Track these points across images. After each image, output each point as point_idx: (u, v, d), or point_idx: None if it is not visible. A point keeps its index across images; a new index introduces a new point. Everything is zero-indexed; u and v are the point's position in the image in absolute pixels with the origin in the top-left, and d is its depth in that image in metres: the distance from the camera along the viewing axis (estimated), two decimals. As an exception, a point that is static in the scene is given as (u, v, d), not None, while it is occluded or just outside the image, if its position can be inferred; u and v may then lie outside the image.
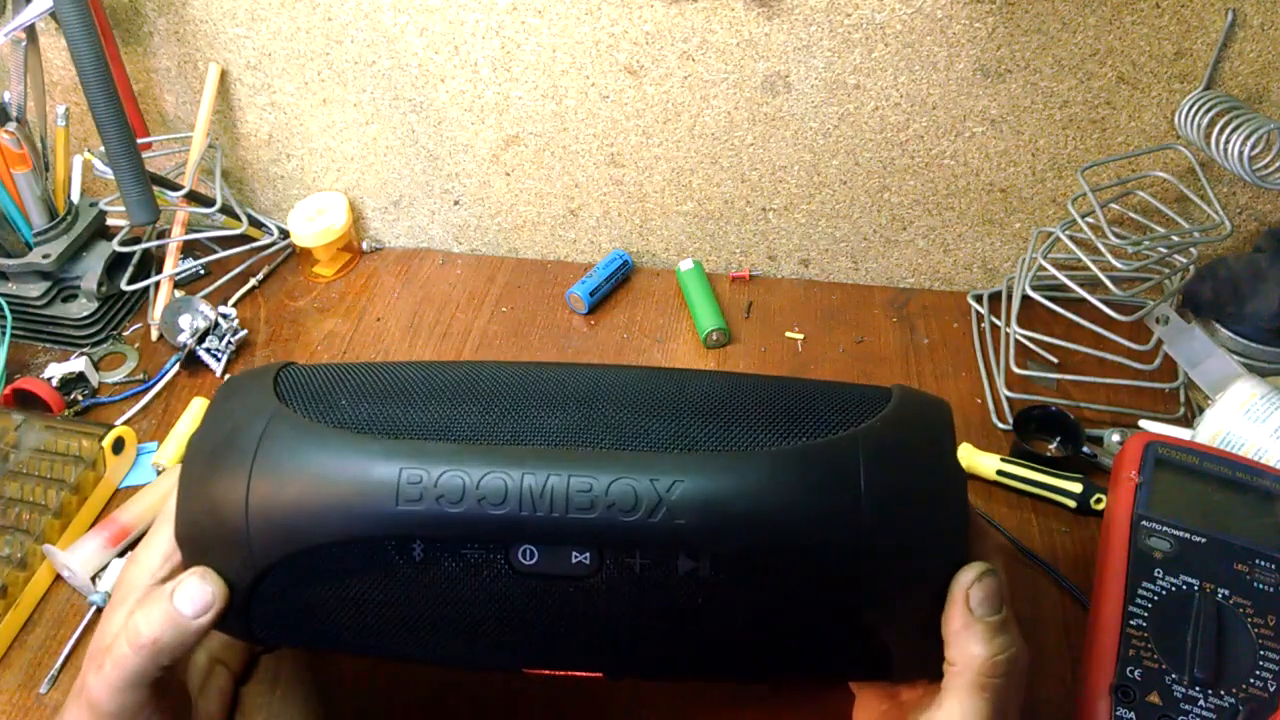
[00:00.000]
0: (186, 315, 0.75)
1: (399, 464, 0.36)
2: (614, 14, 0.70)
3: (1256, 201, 0.73)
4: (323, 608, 0.38)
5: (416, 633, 0.39)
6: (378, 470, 0.36)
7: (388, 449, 0.37)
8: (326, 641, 0.40)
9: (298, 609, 0.39)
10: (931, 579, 0.37)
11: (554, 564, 0.37)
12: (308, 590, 0.38)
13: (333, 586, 0.38)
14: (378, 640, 0.39)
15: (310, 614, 0.39)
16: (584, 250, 0.87)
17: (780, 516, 0.36)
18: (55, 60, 0.82)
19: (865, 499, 0.36)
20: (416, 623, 0.38)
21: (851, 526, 0.36)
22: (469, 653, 0.40)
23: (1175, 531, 0.52)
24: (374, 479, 0.36)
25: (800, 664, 0.41)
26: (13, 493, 0.63)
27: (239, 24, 0.77)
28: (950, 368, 0.74)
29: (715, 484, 0.36)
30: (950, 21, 0.66)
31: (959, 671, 0.36)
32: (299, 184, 0.88)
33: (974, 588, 0.36)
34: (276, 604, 0.38)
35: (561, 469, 0.36)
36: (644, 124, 0.76)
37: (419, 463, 0.36)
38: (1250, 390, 0.60)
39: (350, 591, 0.38)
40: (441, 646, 0.39)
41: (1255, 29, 0.64)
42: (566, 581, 0.37)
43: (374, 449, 0.37)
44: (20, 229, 0.75)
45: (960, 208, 0.77)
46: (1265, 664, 0.47)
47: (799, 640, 0.38)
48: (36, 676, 0.56)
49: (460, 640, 0.39)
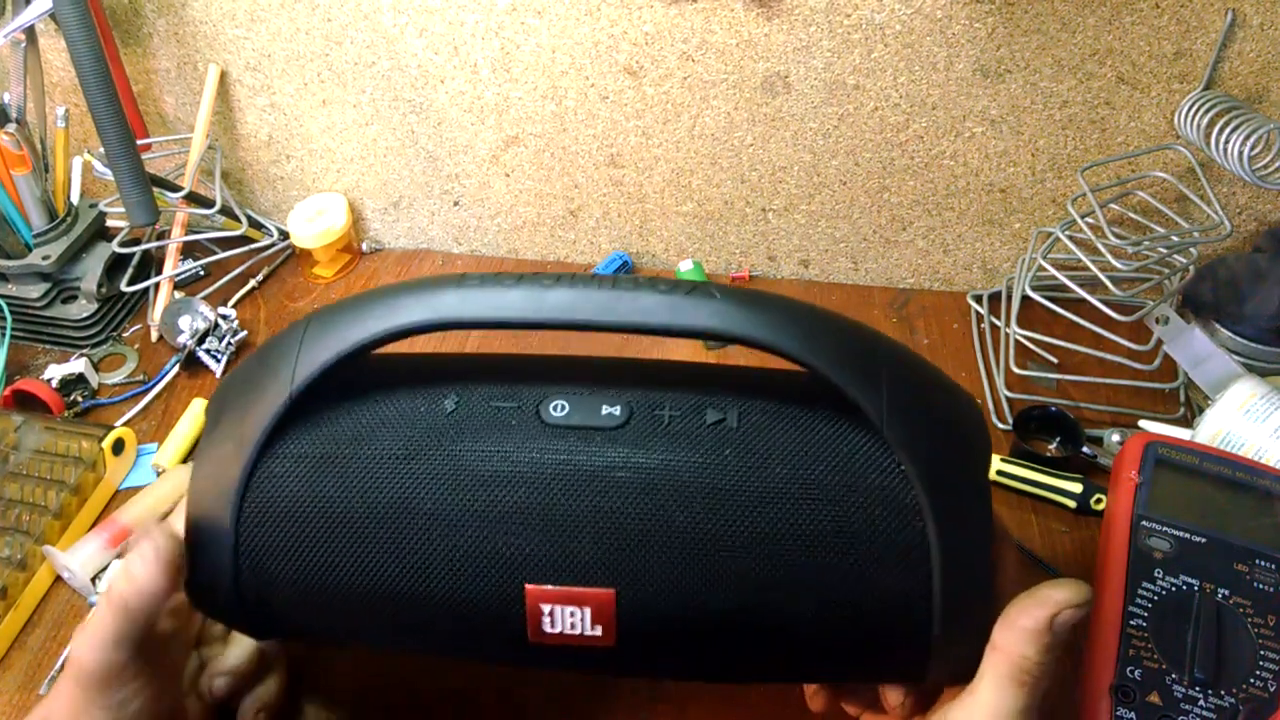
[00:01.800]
0: (186, 316, 0.75)
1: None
2: (614, 15, 0.70)
3: (1256, 201, 0.73)
4: (332, 504, 0.38)
5: (425, 528, 0.37)
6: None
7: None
8: (327, 581, 0.39)
9: (305, 509, 0.38)
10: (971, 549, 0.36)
11: (585, 417, 0.37)
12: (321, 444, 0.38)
13: (352, 449, 0.38)
14: (384, 566, 0.38)
15: (316, 523, 0.38)
16: (584, 251, 0.87)
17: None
18: (55, 61, 0.82)
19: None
20: (427, 510, 0.37)
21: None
22: (476, 554, 0.37)
23: (1175, 531, 0.52)
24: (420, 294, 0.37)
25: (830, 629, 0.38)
26: (13, 494, 0.63)
27: (238, 25, 0.77)
28: (950, 368, 0.74)
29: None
30: (950, 22, 0.66)
31: (1001, 660, 0.35)
32: (299, 185, 0.88)
33: (1070, 611, 0.35)
34: (281, 501, 0.38)
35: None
36: (644, 125, 0.76)
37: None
38: (1250, 390, 0.60)
39: (374, 449, 0.38)
40: (448, 544, 0.37)
41: (1255, 29, 0.64)
42: (596, 433, 0.37)
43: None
44: (20, 230, 0.75)
45: (960, 208, 0.77)
46: (1265, 664, 0.47)
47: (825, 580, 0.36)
48: (36, 677, 0.56)
49: (475, 526, 0.37)
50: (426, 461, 0.38)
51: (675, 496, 0.36)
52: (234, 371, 0.43)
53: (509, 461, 0.37)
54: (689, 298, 0.36)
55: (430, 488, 0.37)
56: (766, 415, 0.38)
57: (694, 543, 0.36)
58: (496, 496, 0.37)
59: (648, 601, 0.36)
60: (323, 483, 0.38)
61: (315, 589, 0.39)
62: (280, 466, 0.38)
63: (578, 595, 0.36)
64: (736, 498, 0.36)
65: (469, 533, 0.37)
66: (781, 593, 0.36)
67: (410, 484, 0.38)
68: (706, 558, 0.36)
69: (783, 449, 0.37)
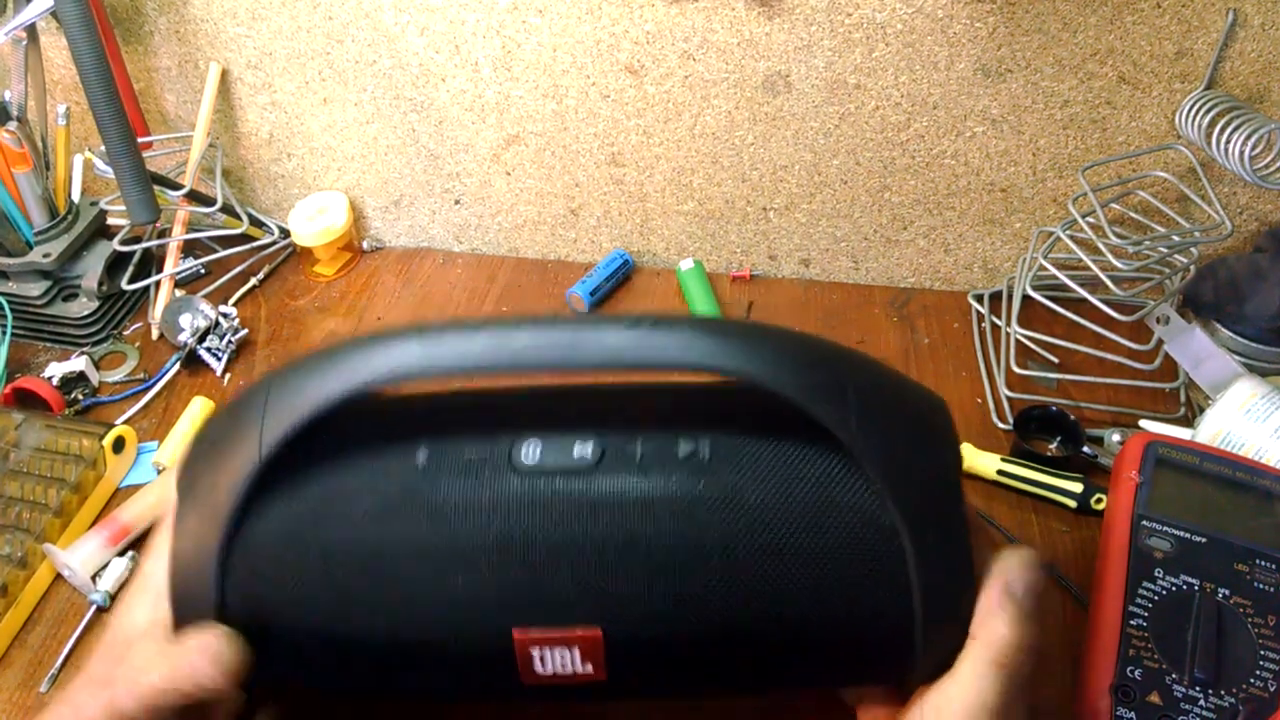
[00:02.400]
0: (187, 314, 0.75)
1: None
2: (614, 13, 0.70)
3: (1257, 201, 0.73)
4: (311, 546, 0.38)
5: (408, 582, 0.38)
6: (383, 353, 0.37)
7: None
8: (314, 644, 0.39)
9: (287, 551, 0.38)
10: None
11: (557, 459, 0.37)
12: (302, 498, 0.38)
13: (329, 504, 0.38)
14: (372, 624, 0.38)
15: (298, 560, 0.38)
16: (584, 250, 0.87)
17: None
18: (56, 59, 0.82)
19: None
20: (408, 564, 0.37)
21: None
22: (462, 602, 0.38)
23: (1175, 531, 0.52)
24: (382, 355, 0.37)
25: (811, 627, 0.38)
26: (13, 492, 0.63)
27: (240, 23, 0.77)
28: (950, 368, 0.74)
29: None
30: (951, 21, 0.66)
31: (981, 645, 0.36)
32: (299, 183, 0.88)
33: (1021, 573, 0.36)
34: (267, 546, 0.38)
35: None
36: (645, 123, 0.76)
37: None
38: (1250, 390, 0.60)
39: (348, 509, 0.38)
40: (432, 596, 0.38)
41: (1256, 29, 0.64)
42: (570, 474, 0.37)
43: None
44: (21, 228, 0.75)
45: (961, 207, 0.77)
46: (1265, 664, 0.47)
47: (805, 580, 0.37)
48: (37, 676, 0.56)
49: (457, 575, 0.37)
50: (403, 519, 0.38)
51: (653, 531, 0.36)
52: (199, 436, 0.42)
53: (485, 513, 0.37)
54: (653, 332, 0.36)
55: (410, 543, 0.38)
56: (738, 443, 0.38)
57: (675, 575, 0.36)
58: (475, 546, 0.37)
59: (634, 635, 0.37)
60: (302, 548, 0.38)
61: (303, 652, 0.39)
62: (258, 535, 0.38)
63: (565, 637, 0.37)
64: (713, 529, 0.37)
65: (452, 584, 0.37)
66: (762, 615, 0.37)
67: (390, 542, 0.38)
68: (688, 588, 0.37)
69: (756, 476, 0.37)
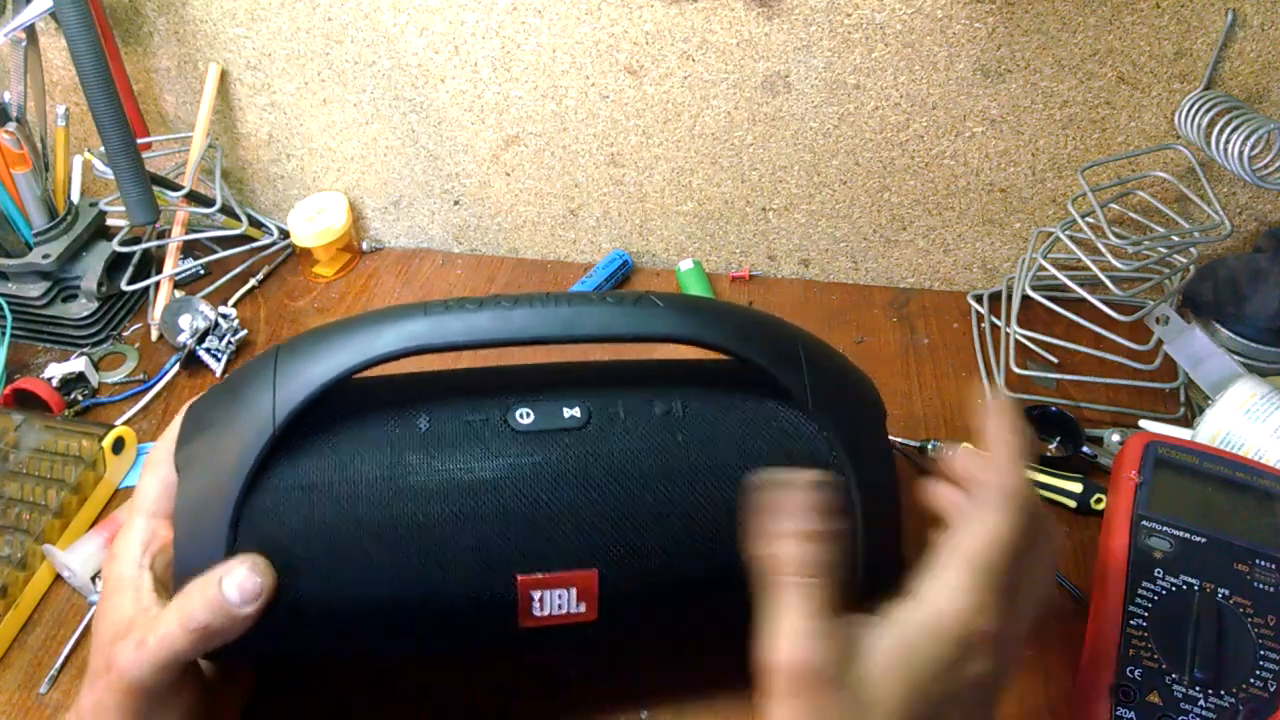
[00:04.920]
0: (186, 315, 0.75)
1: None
2: (614, 14, 0.70)
3: (1256, 201, 0.73)
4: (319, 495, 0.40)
5: (415, 537, 0.40)
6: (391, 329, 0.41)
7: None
8: (324, 605, 0.40)
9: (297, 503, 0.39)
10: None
11: (549, 421, 0.42)
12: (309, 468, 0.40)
13: (334, 472, 0.40)
14: (383, 581, 0.40)
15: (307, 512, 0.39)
16: (584, 250, 0.87)
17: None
18: (55, 60, 0.82)
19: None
20: (416, 521, 0.39)
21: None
22: (468, 552, 0.40)
23: (1175, 531, 0.52)
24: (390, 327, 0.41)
25: None
26: (13, 493, 0.63)
27: (239, 24, 0.77)
28: (950, 368, 0.74)
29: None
30: (950, 21, 0.66)
31: (988, 486, 0.37)
32: (299, 184, 0.88)
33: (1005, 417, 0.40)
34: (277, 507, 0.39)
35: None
36: (644, 124, 0.76)
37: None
38: (1250, 390, 0.60)
39: (356, 471, 0.40)
40: (437, 550, 0.40)
41: (1255, 29, 0.64)
42: (562, 434, 0.42)
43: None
44: (20, 229, 0.75)
45: (960, 208, 0.77)
46: (1265, 664, 0.47)
47: None
48: (36, 676, 0.56)
49: (463, 528, 0.40)
50: (411, 478, 0.40)
51: (640, 480, 0.42)
52: (198, 405, 0.44)
53: (487, 469, 0.41)
54: (637, 308, 0.42)
55: (419, 502, 0.40)
56: (707, 403, 0.44)
57: (661, 517, 0.42)
58: (481, 502, 0.40)
59: (626, 574, 0.42)
60: (314, 511, 0.39)
61: (313, 613, 0.40)
62: (269, 500, 0.39)
63: (565, 579, 0.41)
64: (693, 474, 0.42)
65: (460, 539, 0.40)
66: (737, 550, 0.41)
67: (399, 501, 0.40)
68: (673, 528, 0.42)
69: (726, 430, 0.43)
